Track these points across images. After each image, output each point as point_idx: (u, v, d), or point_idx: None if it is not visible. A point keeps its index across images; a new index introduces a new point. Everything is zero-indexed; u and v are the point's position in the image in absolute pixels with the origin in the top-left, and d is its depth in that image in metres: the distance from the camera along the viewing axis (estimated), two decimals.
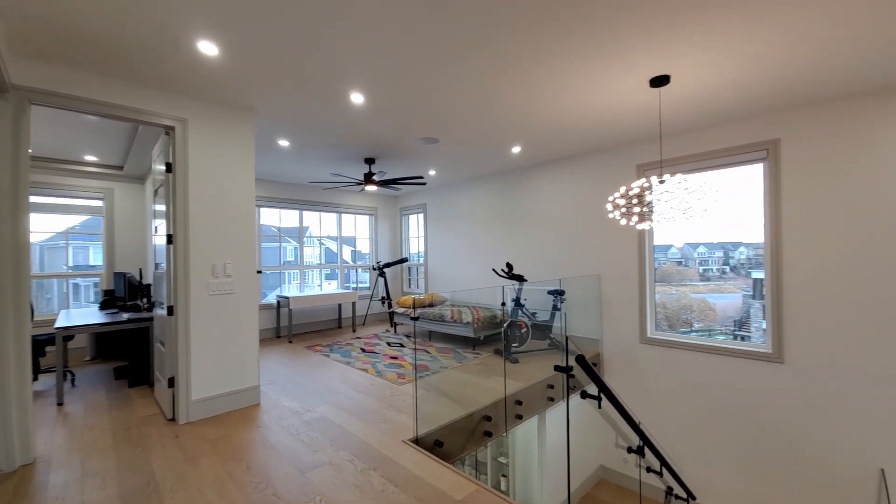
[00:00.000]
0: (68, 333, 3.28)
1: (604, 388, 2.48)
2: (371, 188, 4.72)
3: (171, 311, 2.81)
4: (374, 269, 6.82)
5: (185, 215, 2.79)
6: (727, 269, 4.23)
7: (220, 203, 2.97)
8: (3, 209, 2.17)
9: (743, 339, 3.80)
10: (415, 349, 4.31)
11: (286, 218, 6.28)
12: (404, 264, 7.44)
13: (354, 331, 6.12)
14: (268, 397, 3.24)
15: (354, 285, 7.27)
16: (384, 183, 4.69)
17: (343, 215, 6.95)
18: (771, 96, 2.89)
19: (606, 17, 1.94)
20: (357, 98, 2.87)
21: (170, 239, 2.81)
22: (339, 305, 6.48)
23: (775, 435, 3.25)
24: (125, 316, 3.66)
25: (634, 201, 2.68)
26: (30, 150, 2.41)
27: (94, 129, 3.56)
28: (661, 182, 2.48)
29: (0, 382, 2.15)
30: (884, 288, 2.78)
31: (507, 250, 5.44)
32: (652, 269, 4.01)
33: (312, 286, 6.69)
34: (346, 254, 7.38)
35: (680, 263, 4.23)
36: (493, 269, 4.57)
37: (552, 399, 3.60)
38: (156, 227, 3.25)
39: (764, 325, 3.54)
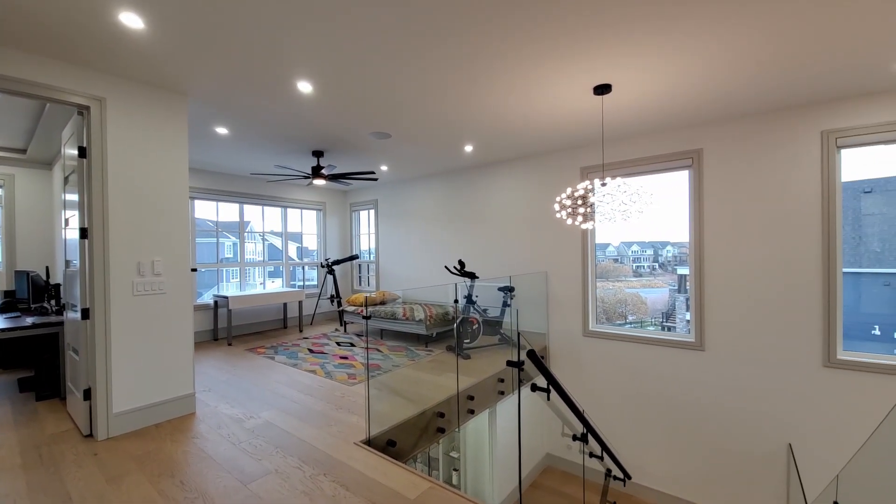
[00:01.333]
0: None
1: (552, 381, 2.60)
2: (319, 182, 4.54)
3: (85, 314, 2.50)
4: (323, 266, 6.58)
5: (104, 206, 2.50)
6: (657, 265, 4.62)
7: (147, 193, 2.69)
8: None
9: (670, 329, 4.17)
10: (367, 348, 4.23)
11: (224, 211, 5.85)
12: (355, 261, 7.25)
13: (301, 331, 5.86)
14: (205, 405, 3.00)
15: (301, 283, 6.96)
16: (333, 177, 4.53)
17: (289, 210, 6.61)
18: (697, 109, 3.18)
19: (558, 19, 2.01)
20: (305, 87, 2.73)
21: (84, 233, 2.49)
22: (285, 305, 6.17)
23: (699, 417, 3.60)
24: (29, 320, 3.21)
25: (579, 202, 2.82)
26: None
27: None
28: (603, 185, 2.63)
29: None
30: (791, 284, 3.18)
31: (459, 248, 5.50)
32: (594, 267, 4.25)
33: (254, 285, 6.31)
34: (292, 250, 7.05)
35: (616, 261, 4.55)
36: (446, 267, 4.60)
37: (502, 392, 3.71)
38: (67, 220, 2.87)
39: (688, 317, 3.90)
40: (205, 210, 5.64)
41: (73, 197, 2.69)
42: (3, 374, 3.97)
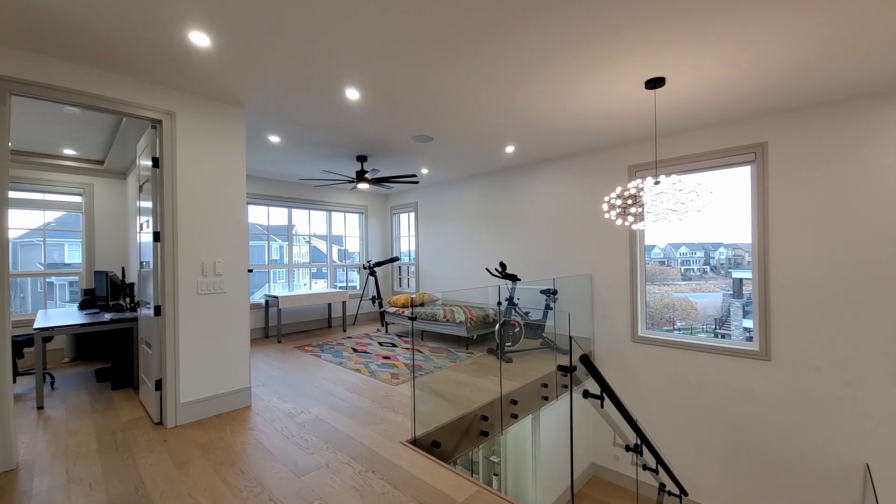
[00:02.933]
0: (48, 334, 3.14)
1: (606, 388, 2.50)
2: (363, 186, 4.66)
3: (158, 311, 2.71)
4: (365, 267, 6.76)
5: (174, 212, 2.71)
6: (708, 268, 4.33)
7: (210, 199, 2.88)
8: None
9: (723, 336, 3.89)
10: (412, 350, 4.27)
11: (274, 216, 6.16)
12: (395, 263, 7.38)
13: (345, 330, 6.04)
14: (259, 399, 3.17)
15: (343, 284, 7.18)
16: (376, 181, 4.64)
17: (333, 213, 6.85)
18: (761, 100, 2.95)
19: (606, 18, 1.95)
20: (352, 94, 2.82)
21: (157, 236, 2.71)
22: (329, 305, 6.40)
23: (762, 431, 3.33)
24: (107, 316, 3.53)
25: (630, 202, 2.70)
26: (9, 144, 2.29)
27: (74, 122, 3.42)
28: (656, 183, 2.51)
29: None
30: (869, 289, 2.88)
31: (499, 249, 5.45)
32: (643, 269, 4.06)
33: (299, 285, 6.58)
34: (334, 253, 7.29)
35: (663, 263, 4.32)
36: (487, 269, 4.57)
37: (546, 398, 3.62)
38: (141, 224, 3.14)
39: (744, 323, 3.63)
40: (256, 214, 5.97)
41: (146, 203, 2.93)
42: (83, 365, 4.39)
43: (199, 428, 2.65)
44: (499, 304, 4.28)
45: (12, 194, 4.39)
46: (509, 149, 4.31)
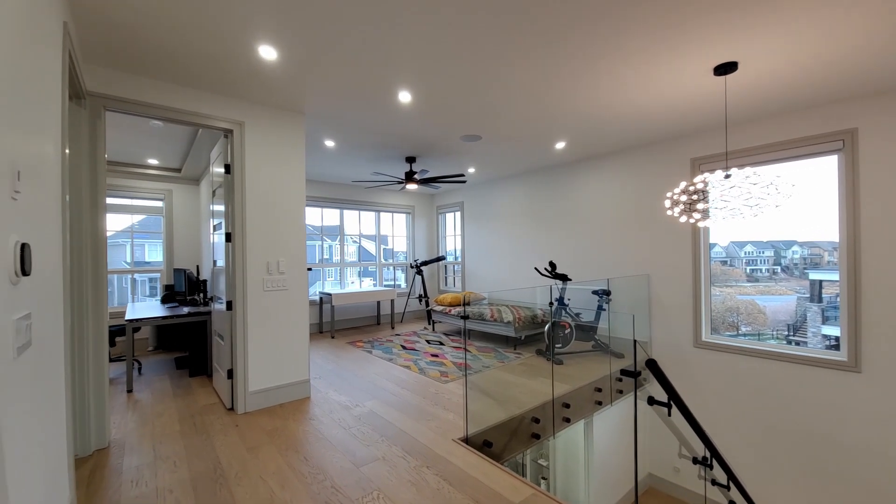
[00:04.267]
0: (137, 325, 3.51)
1: (675, 396, 2.37)
2: (412, 187, 4.75)
3: (229, 305, 2.94)
4: (412, 266, 6.88)
5: (243, 214, 2.92)
6: (778, 269, 3.94)
7: (274, 202, 3.07)
8: (84, 209, 2.34)
9: (797, 343, 3.53)
10: (465, 349, 4.29)
11: (326, 216, 6.44)
12: (440, 262, 7.46)
13: (393, 328, 6.20)
14: (317, 391, 3.33)
15: (390, 283, 7.36)
16: (425, 181, 4.71)
17: (381, 214, 7.05)
18: (850, 82, 2.65)
19: (673, 4, 1.83)
20: (405, 97, 2.88)
21: (228, 237, 2.94)
22: (378, 303, 6.59)
23: (850, 451, 2.99)
24: (185, 310, 3.88)
25: (696, 197, 2.53)
26: (105, 155, 2.59)
27: (156, 134, 3.79)
28: (728, 176, 2.33)
29: (79, 370, 2.33)
30: None
31: (547, 248, 5.33)
32: (708, 270, 3.79)
33: (347, 283, 6.82)
34: (376, 252, 7.48)
35: (725, 263, 3.99)
36: (535, 268, 4.48)
37: (600, 403, 3.49)
38: (214, 226, 3.41)
39: (824, 330, 3.28)
40: (309, 216, 6.27)
41: (219, 207, 3.19)
42: (164, 353, 4.86)
43: (266, 415, 2.84)
44: (550, 304, 4.19)
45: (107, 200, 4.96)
46: (560, 145, 4.20)
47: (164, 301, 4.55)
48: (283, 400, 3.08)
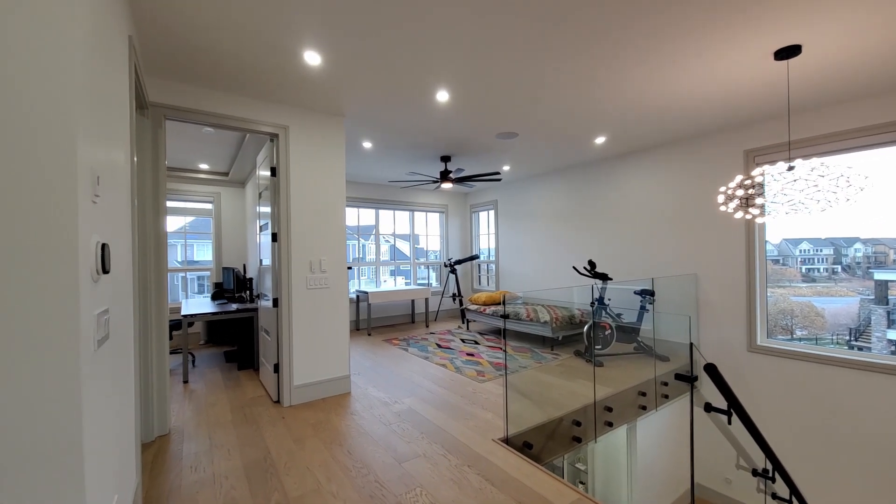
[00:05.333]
0: (191, 320, 3.73)
1: (735, 403, 2.24)
2: (447, 186, 4.76)
3: (275, 303, 3.06)
4: (446, 265, 6.91)
5: (288, 215, 3.03)
6: (838, 268, 3.62)
7: (316, 203, 3.17)
8: (147, 212, 2.52)
9: (860, 349, 3.23)
10: (504, 350, 4.26)
11: (362, 216, 6.58)
12: (474, 261, 7.44)
13: (427, 326, 6.25)
14: (357, 387, 3.41)
15: (424, 282, 7.42)
16: (460, 180, 4.70)
17: (415, 213, 7.12)
18: None
19: None
20: (442, 96, 2.89)
21: (275, 237, 3.06)
22: (413, 301, 6.66)
23: None
24: (234, 306, 4.09)
25: (752, 191, 2.37)
26: (166, 162, 2.77)
27: (207, 140, 4.01)
28: (791, 168, 2.16)
29: (143, 361, 2.50)
30: None
31: (586, 247, 5.18)
32: (764, 269, 3.55)
33: (381, 282, 6.92)
34: (410, 251, 7.56)
35: (777, 262, 3.71)
36: (574, 267, 4.37)
37: (644, 407, 3.35)
38: (261, 226, 3.57)
39: (890, 335, 2.98)
40: (347, 216, 6.44)
41: (265, 208, 3.33)
42: (214, 347, 5.14)
43: (309, 409, 2.94)
44: (592, 304, 4.07)
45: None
46: (600, 140, 4.06)
47: (213, 298, 4.82)
48: (325, 394, 3.17)
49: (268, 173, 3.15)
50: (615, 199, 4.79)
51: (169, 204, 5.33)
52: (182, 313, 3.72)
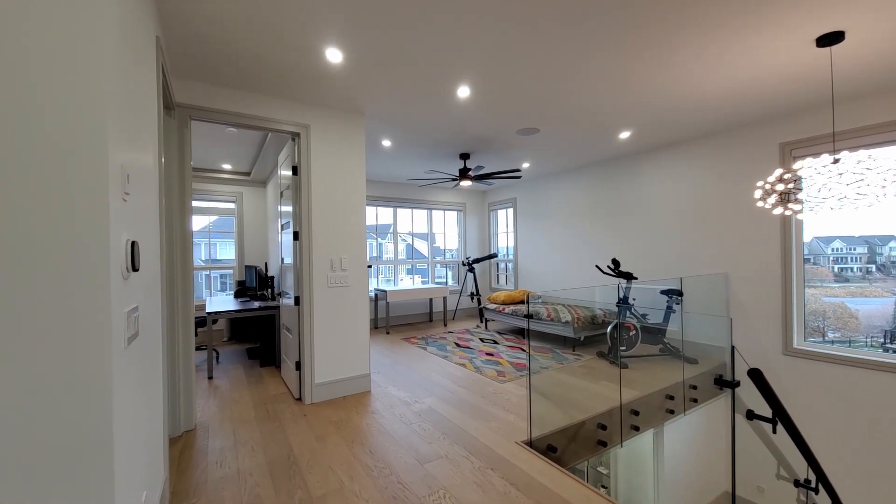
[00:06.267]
0: (216, 317, 3.80)
1: (781, 411, 2.13)
2: (465, 183, 4.72)
3: (297, 301, 3.08)
4: (464, 264, 6.86)
5: (309, 214, 3.04)
6: (872, 268, 3.41)
7: (337, 202, 3.18)
8: (174, 211, 2.56)
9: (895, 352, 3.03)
10: (528, 351, 4.20)
11: (380, 215, 6.59)
12: (492, 260, 7.37)
13: (445, 325, 6.22)
14: (377, 385, 3.41)
15: (443, 281, 7.39)
16: (479, 177, 4.65)
17: (433, 211, 7.09)
18: None
19: None
20: (464, 91, 2.84)
21: (296, 235, 3.08)
22: (431, 300, 6.65)
23: None
24: (256, 304, 4.15)
25: (791, 186, 2.24)
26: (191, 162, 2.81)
27: (230, 141, 4.07)
28: (836, 161, 2.03)
29: (170, 358, 2.55)
30: None
31: (607, 246, 5.05)
32: (801, 268, 3.37)
33: (397, 280, 6.92)
34: (426, 250, 7.53)
35: (808, 261, 3.52)
36: (597, 266, 4.26)
37: (672, 412, 3.23)
38: (282, 225, 3.60)
39: None
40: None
41: (287, 207, 3.36)
42: (237, 344, 5.24)
43: (331, 407, 2.95)
44: (618, 303, 3.96)
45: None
46: (624, 134, 3.95)
47: (236, 296, 4.90)
48: (346, 393, 3.18)
49: (289, 172, 3.17)
50: (639, 195, 4.65)
51: (194, 203, 5.48)
52: (206, 311, 3.79)
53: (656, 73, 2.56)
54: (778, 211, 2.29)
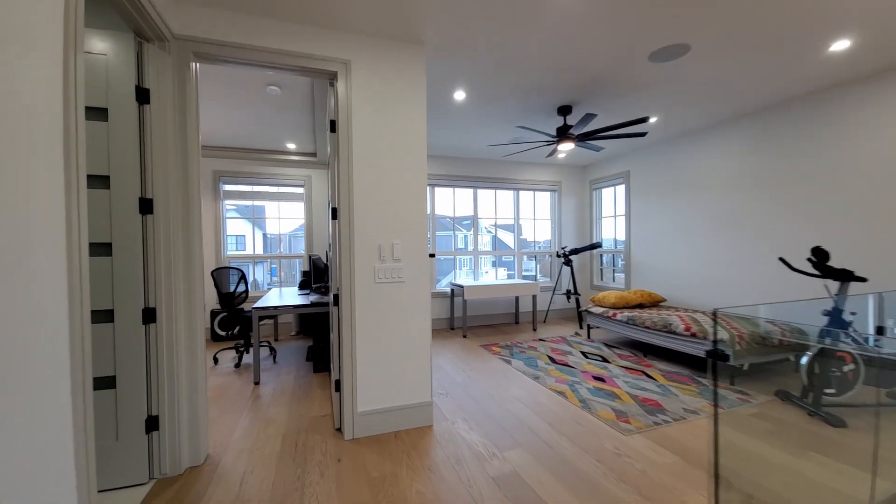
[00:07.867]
0: (262, 314, 3.27)
1: None
2: (566, 146, 3.53)
3: (335, 300, 2.32)
4: (559, 255, 5.63)
5: (349, 184, 2.24)
6: None
7: (387, 168, 2.32)
8: (170, 186, 1.94)
9: None
10: (715, 407, 2.96)
11: (459, 198, 5.66)
12: (594, 251, 5.98)
13: (535, 329, 5.10)
14: (442, 417, 2.51)
15: (531, 275, 6.23)
16: (586, 136, 3.43)
17: (520, 192, 5.94)
18: None
19: None
20: None
21: (334, 213, 2.30)
22: (517, 298, 5.56)
23: None
24: (311, 299, 3.57)
25: None
26: (197, 113, 2.19)
27: (280, 107, 3.45)
28: None
29: (192, 384, 1.96)
30: None
31: (784, 232, 3.44)
32: None
33: (481, 274, 5.93)
34: (510, 240, 6.40)
35: None
36: (781, 259, 2.77)
37: None
38: (333, 209, 2.89)
39: None
40: (442, 200, 5.58)
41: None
42: (303, 339, 4.82)
43: (375, 449, 2.13)
44: (828, 313, 2.48)
45: (262, 188, 5.15)
46: (839, 45, 2.40)
47: (300, 287, 4.45)
48: (399, 427, 2.34)
49: (329, 132, 2.40)
50: (855, 152, 2.98)
51: (263, 189, 5.22)
52: (254, 305, 3.28)
53: None
54: None
